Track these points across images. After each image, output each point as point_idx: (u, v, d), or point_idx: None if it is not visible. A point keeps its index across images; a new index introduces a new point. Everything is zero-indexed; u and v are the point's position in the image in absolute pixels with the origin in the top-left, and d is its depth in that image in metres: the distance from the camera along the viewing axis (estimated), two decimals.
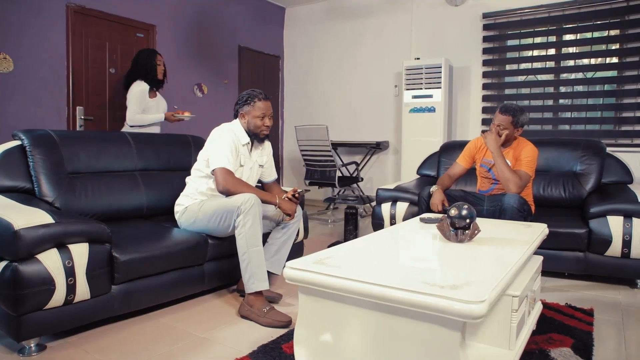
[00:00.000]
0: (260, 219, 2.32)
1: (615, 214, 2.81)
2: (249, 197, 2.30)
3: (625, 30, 4.46)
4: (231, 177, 2.44)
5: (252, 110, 2.57)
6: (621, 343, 2.10)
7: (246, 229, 2.28)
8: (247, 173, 2.65)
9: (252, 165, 2.68)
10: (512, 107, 2.96)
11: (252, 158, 2.68)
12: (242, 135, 2.60)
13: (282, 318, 2.23)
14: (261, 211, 2.34)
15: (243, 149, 2.61)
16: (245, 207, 2.27)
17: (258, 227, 2.30)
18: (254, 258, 2.29)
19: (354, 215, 3.79)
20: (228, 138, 2.51)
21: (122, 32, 4.47)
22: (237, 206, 2.29)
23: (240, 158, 2.58)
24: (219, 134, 2.55)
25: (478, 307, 1.16)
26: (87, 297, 2.00)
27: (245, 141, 2.60)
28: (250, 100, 2.58)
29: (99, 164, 2.72)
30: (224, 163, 2.45)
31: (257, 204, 2.30)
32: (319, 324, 1.46)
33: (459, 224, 1.78)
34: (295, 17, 6.52)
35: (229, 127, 2.59)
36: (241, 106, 2.60)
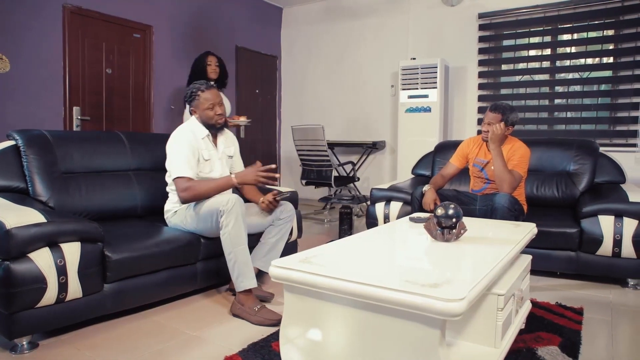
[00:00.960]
0: (242, 218, 2.33)
1: (606, 214, 2.83)
2: (229, 197, 2.31)
3: (620, 31, 4.48)
4: (189, 183, 2.43)
5: (199, 103, 2.59)
6: (609, 342, 2.12)
7: (229, 229, 2.30)
8: (217, 165, 2.65)
9: (221, 156, 2.69)
10: (502, 105, 2.98)
11: (218, 149, 2.68)
12: (199, 129, 2.60)
13: (273, 317, 2.25)
14: (243, 210, 2.35)
15: (203, 142, 2.60)
16: (227, 207, 2.29)
17: (241, 227, 2.31)
18: (239, 257, 2.32)
19: (348, 215, 3.81)
20: (182, 141, 2.51)
21: (119, 32, 4.49)
22: (219, 208, 2.32)
23: (202, 153, 2.57)
24: (172, 141, 2.55)
25: (457, 305, 1.17)
26: (79, 296, 2.02)
27: (203, 134, 2.60)
28: (194, 95, 2.59)
29: (93, 164, 2.74)
30: (181, 172, 2.45)
31: (238, 204, 2.31)
32: (304, 322, 1.48)
33: (445, 223, 1.80)
34: (293, 17, 6.54)
35: (184, 127, 2.60)
36: (189, 103, 2.63)
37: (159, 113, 4.88)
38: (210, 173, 2.60)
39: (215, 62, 3.92)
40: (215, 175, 2.61)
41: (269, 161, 6.42)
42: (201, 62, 3.90)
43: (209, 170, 2.60)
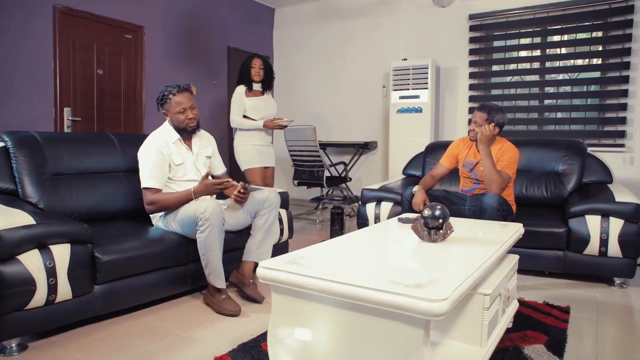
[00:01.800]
0: (218, 227, 2.38)
1: (593, 214, 2.87)
2: (207, 206, 2.34)
3: (607, 32, 4.53)
4: (154, 197, 2.51)
5: (170, 107, 2.61)
6: (594, 340, 2.15)
7: (204, 235, 2.37)
8: (191, 168, 2.67)
9: (196, 158, 2.71)
10: (489, 104, 3.01)
11: (192, 151, 2.70)
12: (171, 134, 2.63)
13: (232, 307, 2.39)
14: (221, 219, 2.39)
15: (175, 146, 2.63)
16: (204, 215, 2.33)
17: (215, 236, 2.37)
18: (211, 260, 2.42)
19: (339, 215, 3.83)
20: (150, 150, 2.55)
21: (110, 33, 4.49)
22: (197, 215, 2.36)
23: (173, 159, 2.60)
24: (141, 150, 2.59)
25: (440, 305, 1.19)
26: (68, 297, 2.02)
27: (174, 139, 2.63)
28: (165, 99, 2.62)
29: (83, 165, 2.74)
30: (147, 183, 2.53)
31: (215, 214, 2.35)
32: (292, 322, 1.50)
33: (432, 224, 1.82)
34: (285, 17, 6.55)
35: (156, 133, 2.62)
36: (161, 107, 2.65)
37: (151, 114, 4.87)
38: (184, 177, 2.64)
39: (259, 65, 3.89)
40: (189, 178, 2.65)
41: None
42: (246, 64, 3.89)
43: (182, 174, 2.63)
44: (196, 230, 2.39)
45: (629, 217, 2.78)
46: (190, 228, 2.45)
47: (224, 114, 5.91)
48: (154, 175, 2.53)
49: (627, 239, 2.77)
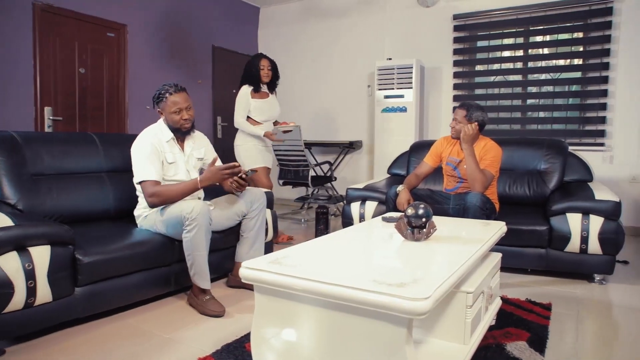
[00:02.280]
0: (206, 226, 2.36)
1: (574, 212, 2.91)
2: (194, 206, 2.32)
3: (588, 33, 4.60)
4: (156, 189, 2.44)
5: (165, 106, 2.57)
6: (574, 335, 2.19)
7: (191, 235, 2.34)
8: (181, 168, 2.64)
9: (187, 159, 2.68)
10: (469, 102, 3.06)
11: (185, 152, 2.68)
12: (165, 132, 2.60)
13: (216, 308, 2.38)
14: (208, 219, 2.37)
15: (168, 145, 2.60)
16: (191, 215, 2.31)
17: (202, 236, 2.35)
18: (197, 260, 2.39)
19: (324, 215, 3.83)
20: (145, 144, 2.50)
21: (92, 31, 4.42)
22: (183, 215, 2.33)
23: (166, 156, 2.57)
24: (136, 145, 2.55)
25: (422, 304, 1.20)
26: (48, 300, 1.99)
27: (168, 137, 2.60)
28: (162, 97, 2.57)
29: (64, 165, 2.70)
30: (145, 175, 2.45)
31: (202, 214, 2.33)
32: (275, 322, 1.49)
33: (415, 223, 1.83)
34: (270, 17, 6.53)
35: (147, 132, 2.57)
36: (157, 105, 2.61)
37: (135, 113, 4.82)
38: (174, 176, 2.61)
39: (268, 66, 3.83)
40: (179, 178, 2.62)
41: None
42: (254, 65, 3.82)
43: (173, 174, 2.61)
44: (182, 230, 2.37)
45: (608, 215, 2.83)
46: (176, 228, 2.42)
47: (209, 114, 5.87)
48: (152, 168, 2.47)
49: (606, 236, 2.82)
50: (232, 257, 2.85)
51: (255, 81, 3.81)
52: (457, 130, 3.05)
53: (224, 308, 2.39)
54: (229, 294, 2.74)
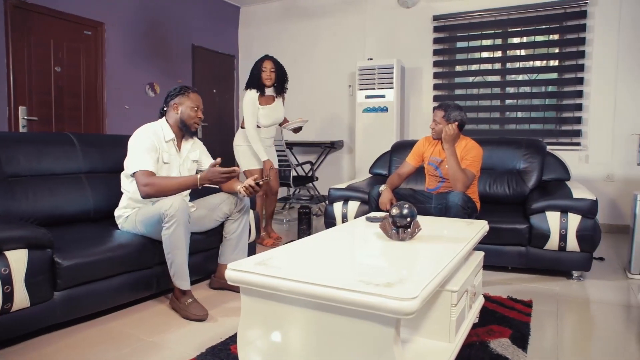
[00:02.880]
0: (184, 224, 2.32)
1: (552, 210, 2.97)
2: (173, 202, 2.29)
3: (563, 36, 4.71)
4: (151, 179, 2.38)
5: (186, 100, 2.58)
6: (555, 331, 2.23)
7: (170, 232, 2.30)
8: (175, 170, 2.61)
9: (183, 161, 2.65)
10: (446, 103, 3.11)
11: (181, 154, 2.65)
12: (166, 132, 2.57)
13: (199, 312, 2.33)
14: (187, 215, 2.33)
15: (167, 145, 2.57)
16: (169, 212, 2.27)
17: (181, 232, 2.31)
18: (177, 259, 2.35)
19: (307, 215, 3.82)
20: (145, 138, 2.47)
21: (68, 29, 4.32)
22: (161, 212, 2.30)
23: (163, 156, 2.53)
24: (134, 137, 2.50)
25: (410, 303, 1.20)
26: (26, 305, 1.93)
27: (169, 137, 2.57)
28: (184, 91, 2.60)
29: (41, 166, 2.63)
30: (141, 165, 2.39)
31: (181, 210, 2.29)
32: (261, 324, 1.48)
33: (400, 223, 1.84)
34: (250, 16, 6.49)
35: (148, 128, 2.54)
36: (173, 97, 2.58)
37: (113, 113, 4.73)
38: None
39: (270, 68, 3.70)
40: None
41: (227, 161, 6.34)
42: (257, 66, 3.72)
43: (165, 174, 2.55)
44: (161, 228, 2.33)
45: (585, 213, 2.90)
46: (155, 227, 2.38)
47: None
48: (149, 159, 2.41)
49: (584, 233, 2.88)
50: (215, 259, 2.82)
51: (257, 84, 3.71)
52: (437, 131, 3.08)
53: (206, 312, 2.36)
54: (211, 295, 2.71)
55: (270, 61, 3.73)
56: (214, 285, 2.81)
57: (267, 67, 3.71)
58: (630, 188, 4.42)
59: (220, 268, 2.78)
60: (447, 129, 2.95)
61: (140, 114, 4.93)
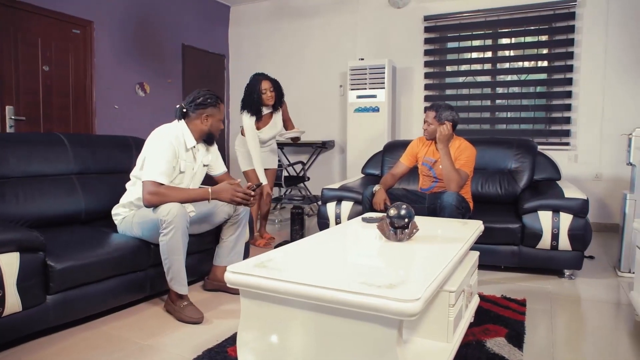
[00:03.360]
0: (183, 229, 2.28)
1: (545, 209, 3.00)
2: (171, 208, 2.24)
3: (553, 37, 4.76)
4: (156, 190, 2.30)
5: (217, 113, 2.55)
6: (550, 330, 2.25)
7: (167, 238, 2.26)
8: (188, 179, 2.56)
9: (197, 168, 2.61)
10: (437, 103, 3.12)
11: (197, 161, 2.60)
12: (188, 138, 2.50)
13: (194, 315, 2.31)
14: (185, 222, 2.29)
15: (187, 154, 2.51)
16: (167, 218, 2.23)
17: (179, 239, 2.28)
18: (174, 264, 2.32)
19: (300, 215, 3.80)
20: (167, 145, 2.39)
21: (56, 27, 4.25)
22: (159, 218, 2.26)
23: (181, 164, 2.47)
24: (157, 140, 2.41)
25: (413, 305, 1.20)
26: (18, 310, 1.89)
27: (191, 144, 2.51)
28: (216, 102, 2.54)
29: (31, 168, 2.58)
30: (155, 176, 2.32)
31: (180, 216, 2.25)
32: (261, 327, 1.47)
33: (398, 224, 1.84)
34: (241, 15, 6.45)
35: (170, 132, 2.45)
36: (205, 107, 2.50)
37: (103, 113, 4.67)
38: (179, 185, 2.52)
39: (270, 89, 3.65)
40: (182, 186, 2.53)
41: None
42: (254, 88, 3.63)
43: (179, 182, 2.52)
44: (159, 234, 2.30)
45: (577, 212, 2.93)
46: (152, 231, 2.35)
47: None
48: (166, 172, 2.35)
49: (575, 232, 2.91)
50: (209, 260, 2.80)
51: (257, 108, 3.64)
52: (430, 131, 3.09)
53: (202, 315, 2.33)
54: (206, 297, 2.69)
55: (268, 81, 3.69)
56: (208, 287, 2.79)
57: (267, 88, 3.66)
58: (618, 187, 4.49)
59: (215, 270, 2.76)
60: (442, 129, 2.96)
61: (130, 114, 4.90)
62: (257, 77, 3.75)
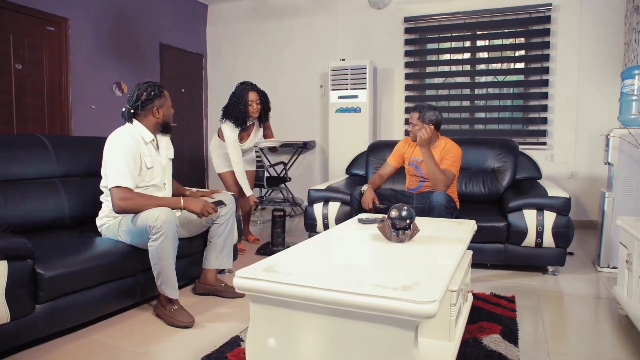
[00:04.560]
0: (172, 235, 2.24)
1: (529, 208, 3.07)
2: (159, 214, 2.19)
3: (529, 39, 4.88)
4: (127, 196, 2.25)
5: (165, 101, 2.50)
6: (541, 325, 2.31)
7: (157, 244, 2.22)
8: (158, 173, 2.50)
9: (163, 161, 2.55)
10: (420, 104, 3.16)
11: (160, 153, 2.54)
12: (145, 134, 2.44)
13: (185, 319, 2.28)
14: (174, 227, 2.25)
15: (147, 148, 2.44)
16: (156, 224, 2.18)
17: (169, 244, 2.23)
18: (164, 269, 2.27)
19: (281, 218, 3.66)
20: (124, 148, 2.31)
21: (29, 24, 4.09)
22: (148, 224, 2.20)
23: (146, 161, 2.41)
24: (112, 145, 2.34)
25: (430, 306, 1.21)
26: (6, 321, 1.81)
27: (150, 138, 2.46)
28: (160, 93, 2.47)
29: (12, 171, 2.48)
30: (119, 181, 2.25)
31: (168, 222, 2.20)
32: (272, 332, 1.45)
33: (399, 225, 1.85)
34: (219, 14, 6.36)
35: (125, 134, 2.38)
36: (151, 101, 2.43)
37: (79, 113, 4.52)
38: (151, 181, 2.46)
39: (257, 101, 3.52)
40: (155, 182, 2.48)
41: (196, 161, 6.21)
42: (241, 100, 3.49)
43: (150, 179, 2.45)
44: (147, 239, 2.24)
45: (560, 210, 3.02)
46: (141, 238, 2.29)
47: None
48: (129, 174, 2.28)
49: (559, 230, 3.00)
50: (199, 264, 2.76)
51: (242, 119, 3.53)
52: (414, 133, 3.12)
53: (193, 318, 2.29)
54: (196, 301, 2.64)
55: (255, 92, 3.56)
56: (199, 291, 2.74)
57: (254, 100, 3.53)
58: (592, 185, 4.65)
59: (204, 273, 2.72)
60: (420, 134, 2.96)
61: (108, 114, 4.76)
62: (245, 86, 3.59)
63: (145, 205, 2.26)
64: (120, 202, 2.24)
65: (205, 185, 6.34)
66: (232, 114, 3.54)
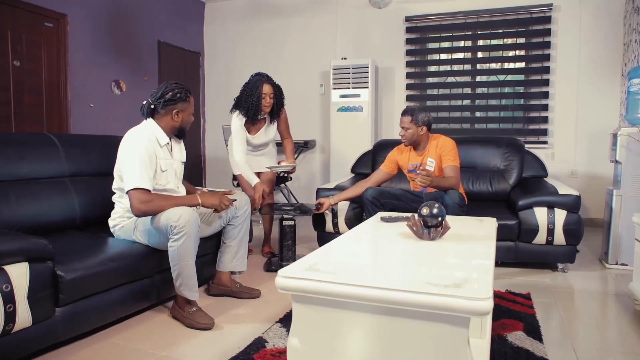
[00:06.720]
0: (194, 235, 2.19)
1: (540, 205, 3.09)
2: (182, 213, 2.14)
3: (530, 39, 4.92)
4: (147, 198, 2.19)
5: (188, 107, 2.43)
6: (560, 321, 2.32)
7: (178, 244, 2.16)
8: (172, 177, 2.44)
9: (176, 165, 2.49)
10: (411, 107, 3.18)
11: (174, 157, 2.48)
12: (160, 136, 2.36)
13: (205, 321, 2.23)
14: (196, 227, 2.20)
15: (162, 151, 2.37)
16: (178, 223, 2.13)
17: (191, 245, 2.19)
18: (184, 271, 2.23)
19: (292, 228, 3.45)
20: (141, 149, 2.24)
21: (28, 20, 3.99)
22: (170, 224, 2.14)
23: (160, 164, 2.34)
24: (129, 146, 2.27)
25: (485, 303, 1.19)
26: (28, 325, 1.75)
27: (165, 141, 2.38)
28: (186, 96, 2.40)
29: (21, 170, 2.40)
30: (137, 183, 2.19)
31: (191, 222, 2.15)
32: (316, 332, 1.42)
33: (431, 222, 1.84)
34: (216, 13, 6.30)
35: (142, 134, 2.31)
36: (175, 102, 2.35)
37: (78, 111, 4.43)
38: (166, 185, 2.40)
39: (270, 94, 3.31)
40: (170, 187, 2.42)
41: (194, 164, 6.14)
42: (254, 92, 3.28)
43: (165, 182, 2.39)
44: (168, 240, 2.19)
45: (570, 208, 3.04)
46: (159, 238, 2.24)
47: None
48: (146, 176, 2.21)
49: (570, 227, 3.02)
50: (212, 264, 2.71)
51: (253, 112, 3.32)
52: (408, 136, 3.13)
53: (213, 320, 2.25)
54: (212, 303, 2.59)
55: (270, 85, 3.35)
56: (213, 292, 2.70)
57: (267, 93, 3.31)
58: (592, 184, 4.70)
59: (218, 275, 2.68)
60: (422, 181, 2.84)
61: (106, 113, 4.67)
62: (259, 77, 3.38)
63: (165, 206, 2.21)
64: (140, 205, 2.17)
65: (203, 185, 6.26)
66: (244, 105, 3.36)
